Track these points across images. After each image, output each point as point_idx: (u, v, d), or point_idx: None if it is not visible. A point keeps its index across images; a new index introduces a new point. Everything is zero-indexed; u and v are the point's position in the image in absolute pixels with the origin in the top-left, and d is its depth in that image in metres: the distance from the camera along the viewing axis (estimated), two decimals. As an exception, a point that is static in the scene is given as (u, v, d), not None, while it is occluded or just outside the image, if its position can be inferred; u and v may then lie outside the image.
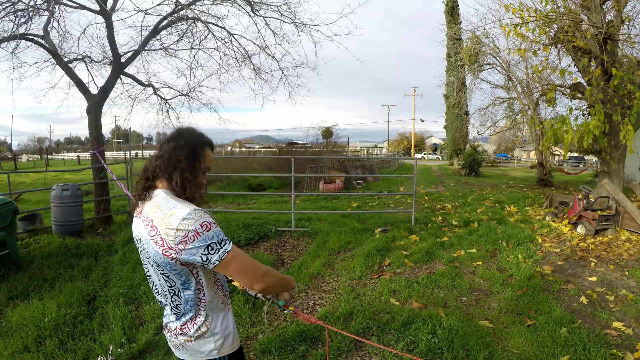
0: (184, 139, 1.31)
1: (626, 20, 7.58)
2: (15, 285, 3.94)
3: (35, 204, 9.23)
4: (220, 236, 1.19)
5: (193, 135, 1.34)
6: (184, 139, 1.31)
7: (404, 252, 5.44)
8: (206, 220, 1.18)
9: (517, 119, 17.57)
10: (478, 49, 15.46)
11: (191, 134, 1.34)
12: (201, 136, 1.35)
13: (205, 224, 1.17)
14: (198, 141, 1.32)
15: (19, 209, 4.72)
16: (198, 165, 1.31)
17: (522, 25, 7.23)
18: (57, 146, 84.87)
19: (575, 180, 18.42)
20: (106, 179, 7.15)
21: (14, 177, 14.83)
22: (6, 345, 2.81)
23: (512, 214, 8.54)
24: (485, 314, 3.62)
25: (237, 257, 1.20)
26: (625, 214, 6.76)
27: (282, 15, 7.67)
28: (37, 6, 6.15)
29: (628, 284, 4.44)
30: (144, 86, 8.20)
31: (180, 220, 1.15)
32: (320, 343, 2.98)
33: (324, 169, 14.52)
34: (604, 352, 2.85)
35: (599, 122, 6.95)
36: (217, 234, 1.18)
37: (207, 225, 1.17)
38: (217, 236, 1.18)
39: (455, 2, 28.36)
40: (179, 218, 1.16)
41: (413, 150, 52.96)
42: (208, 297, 1.32)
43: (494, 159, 38.62)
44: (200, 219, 1.17)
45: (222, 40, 7.85)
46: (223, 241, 1.19)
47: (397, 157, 34.19)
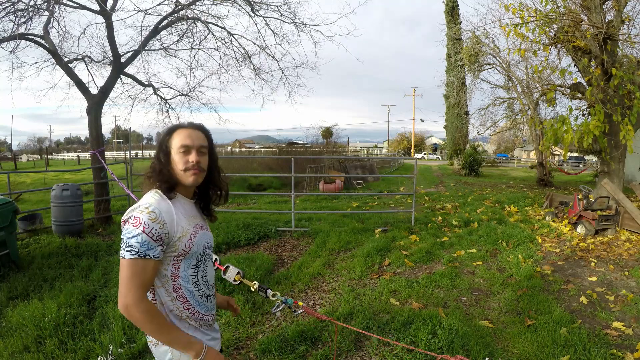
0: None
1: (626, 20, 7.59)
2: (15, 285, 3.94)
3: (35, 204, 9.23)
4: (132, 238, 1.15)
5: (163, 132, 1.40)
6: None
7: (404, 252, 5.44)
8: (138, 215, 1.17)
9: (517, 119, 17.55)
10: (478, 49, 15.46)
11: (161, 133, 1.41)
12: (168, 128, 1.37)
13: (136, 219, 1.17)
14: (164, 134, 1.35)
15: (19, 209, 4.72)
16: (165, 152, 1.31)
17: (522, 25, 7.24)
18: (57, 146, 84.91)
19: (575, 180, 18.42)
20: (106, 178, 7.15)
21: (14, 177, 14.83)
22: (6, 345, 2.81)
23: (512, 214, 8.54)
24: (485, 314, 3.62)
25: (123, 268, 1.15)
26: (625, 214, 6.76)
27: (282, 15, 7.67)
28: (37, 6, 6.15)
29: (628, 284, 4.44)
30: (144, 86, 8.20)
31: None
32: (320, 343, 2.98)
33: (324, 169, 14.52)
34: (604, 352, 2.85)
35: (599, 122, 6.95)
36: (132, 233, 1.15)
37: (136, 221, 1.16)
38: (130, 237, 1.15)
39: (455, 2, 28.36)
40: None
41: (413, 150, 52.95)
42: (166, 304, 1.27)
43: (494, 159, 38.62)
44: (133, 211, 1.19)
45: (222, 40, 7.85)
46: (130, 246, 1.14)
47: (397, 157, 34.19)
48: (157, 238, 1.17)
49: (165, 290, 1.27)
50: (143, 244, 1.14)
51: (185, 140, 1.30)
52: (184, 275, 1.29)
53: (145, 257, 1.14)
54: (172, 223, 1.23)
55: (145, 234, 1.15)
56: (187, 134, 1.31)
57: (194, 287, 1.32)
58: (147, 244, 1.15)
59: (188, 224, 1.30)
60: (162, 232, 1.19)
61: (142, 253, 1.14)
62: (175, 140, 1.30)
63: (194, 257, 1.31)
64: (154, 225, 1.16)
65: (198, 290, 1.34)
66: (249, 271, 4.31)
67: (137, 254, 1.14)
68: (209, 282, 1.40)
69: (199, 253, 1.34)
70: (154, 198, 1.24)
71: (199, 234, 1.34)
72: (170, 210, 1.24)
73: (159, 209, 1.20)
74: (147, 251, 1.15)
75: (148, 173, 1.33)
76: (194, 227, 1.32)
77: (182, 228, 1.26)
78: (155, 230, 1.16)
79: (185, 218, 1.30)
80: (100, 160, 6.90)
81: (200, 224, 1.38)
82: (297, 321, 3.25)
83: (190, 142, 1.30)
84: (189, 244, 1.28)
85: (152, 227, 1.16)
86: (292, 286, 4.19)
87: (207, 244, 1.41)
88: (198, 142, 1.32)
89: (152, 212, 1.18)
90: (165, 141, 1.32)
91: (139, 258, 1.14)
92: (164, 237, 1.19)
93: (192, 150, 1.30)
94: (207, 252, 1.41)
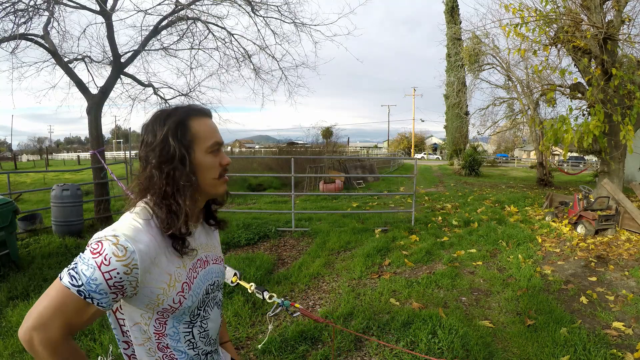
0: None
1: (626, 20, 7.59)
2: (15, 285, 3.94)
3: (35, 204, 9.23)
4: (81, 265, 0.80)
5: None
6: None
7: (404, 252, 5.44)
8: (103, 243, 0.81)
9: (517, 119, 17.56)
10: (478, 49, 15.47)
11: None
12: (180, 115, 1.00)
13: (99, 245, 0.81)
14: (173, 122, 0.98)
15: (19, 209, 4.72)
16: (186, 149, 0.96)
17: (522, 25, 7.24)
18: (57, 146, 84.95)
19: (575, 180, 18.42)
20: (106, 178, 7.16)
21: (14, 177, 14.84)
22: (6, 345, 2.81)
23: (512, 214, 8.54)
24: (485, 314, 3.62)
25: (53, 289, 0.80)
26: (625, 214, 6.76)
27: (282, 15, 7.67)
28: (37, 6, 6.15)
29: (628, 284, 4.44)
30: (144, 86, 8.20)
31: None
32: (320, 343, 2.98)
33: (324, 169, 14.52)
34: (604, 352, 2.85)
35: (599, 122, 6.95)
36: (84, 260, 0.81)
37: (98, 248, 0.81)
38: (81, 262, 0.81)
39: (455, 2, 28.37)
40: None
41: (413, 150, 52.97)
42: (139, 356, 0.94)
43: (494, 159, 38.63)
44: (102, 236, 0.82)
45: (222, 40, 7.85)
46: (75, 272, 0.80)
47: (397, 157, 34.19)
48: (113, 284, 0.80)
49: (147, 349, 0.93)
50: (91, 282, 0.79)
51: (216, 135, 0.94)
52: (173, 334, 0.94)
53: (87, 298, 0.79)
54: (149, 268, 0.84)
55: (101, 273, 0.79)
56: (212, 124, 0.96)
57: (187, 347, 0.97)
58: (96, 284, 0.79)
59: (180, 269, 0.91)
60: (126, 280, 0.81)
61: (84, 291, 0.79)
62: (201, 133, 0.92)
63: (187, 314, 0.95)
64: (116, 265, 0.79)
65: (194, 348, 0.99)
66: (249, 271, 4.30)
67: (77, 288, 0.79)
68: (211, 336, 1.04)
69: (196, 306, 0.97)
70: (132, 224, 0.85)
71: (199, 278, 0.97)
72: (152, 248, 0.85)
73: (133, 246, 0.81)
74: (93, 293, 0.79)
75: (151, 189, 0.90)
76: (190, 268, 0.95)
77: (167, 277, 0.88)
78: (115, 273, 0.79)
79: (180, 259, 0.92)
80: (101, 160, 6.90)
81: (203, 256, 1.01)
82: (297, 321, 3.25)
83: (219, 137, 0.96)
84: (179, 298, 0.90)
85: (113, 268, 0.79)
86: (292, 286, 4.19)
87: (212, 286, 1.03)
88: (221, 137, 0.99)
89: (120, 246, 0.80)
90: (182, 135, 0.89)
91: (79, 295, 0.79)
92: (126, 286, 0.82)
93: (221, 148, 0.97)
94: (212, 296, 1.03)
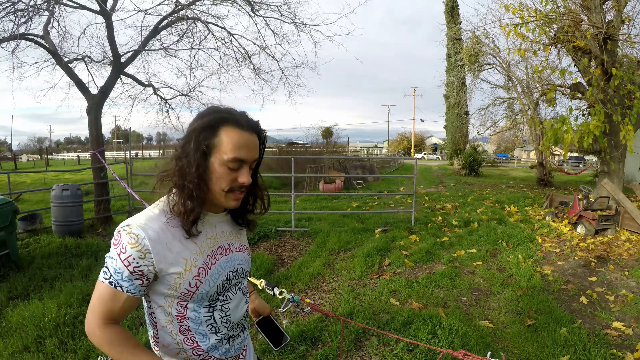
0: None
1: (626, 20, 7.59)
2: (15, 285, 3.94)
3: (35, 204, 9.23)
4: (109, 260, 0.91)
5: None
6: None
7: (404, 252, 5.44)
8: (121, 233, 0.91)
9: (517, 119, 17.56)
10: (478, 49, 15.46)
11: None
12: (212, 118, 1.02)
13: (117, 237, 0.91)
14: (203, 125, 1.01)
15: (19, 209, 4.72)
16: (204, 153, 1.00)
17: (522, 25, 7.24)
18: (57, 146, 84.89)
19: (575, 180, 18.42)
20: (106, 178, 7.15)
21: (14, 177, 14.84)
22: (6, 345, 2.81)
23: (512, 214, 8.54)
24: (485, 314, 3.62)
25: (97, 289, 0.92)
26: (625, 214, 6.76)
27: (282, 15, 7.67)
28: (37, 6, 6.15)
29: (628, 284, 4.44)
30: (144, 86, 8.20)
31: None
32: (320, 343, 2.98)
33: (324, 169, 14.52)
34: (604, 352, 2.85)
35: (599, 122, 6.96)
36: (110, 253, 0.91)
37: (116, 240, 0.91)
38: (110, 259, 0.91)
39: (455, 2, 28.36)
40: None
41: (413, 150, 52.97)
42: (171, 347, 1.00)
43: (494, 159, 38.63)
44: (123, 230, 0.91)
45: (222, 40, 7.85)
46: (107, 270, 0.91)
47: (397, 157, 34.19)
48: (133, 270, 0.89)
49: (169, 332, 0.99)
50: (117, 272, 0.89)
51: (240, 152, 0.93)
52: (194, 317, 0.99)
53: (117, 287, 0.89)
54: (163, 253, 0.91)
55: (121, 261, 0.88)
56: (243, 139, 0.93)
57: (209, 330, 1.01)
58: (120, 272, 0.89)
59: (197, 254, 0.96)
60: (143, 265, 0.89)
61: (113, 281, 0.89)
62: (225, 144, 0.92)
63: (206, 299, 0.99)
64: (131, 252, 0.88)
65: (216, 333, 1.03)
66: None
67: (108, 280, 0.90)
68: (234, 321, 1.07)
69: (215, 291, 1.00)
70: (146, 214, 0.94)
71: (218, 264, 1.01)
72: (162, 233, 0.91)
73: (143, 232, 0.89)
74: (120, 282, 0.89)
75: (166, 177, 0.98)
76: (209, 255, 0.99)
77: (183, 262, 0.93)
78: (132, 259, 0.88)
79: (197, 244, 0.97)
80: (101, 160, 6.90)
81: (226, 244, 1.05)
82: (297, 321, 3.25)
83: (245, 154, 0.93)
84: (195, 282, 0.95)
85: (130, 255, 0.88)
86: (292, 286, 4.19)
87: (234, 272, 1.06)
88: (253, 155, 0.96)
89: (132, 234, 0.88)
90: (205, 138, 0.92)
91: (110, 286, 0.89)
92: (145, 271, 0.90)
93: (244, 166, 0.95)
94: (234, 282, 1.07)
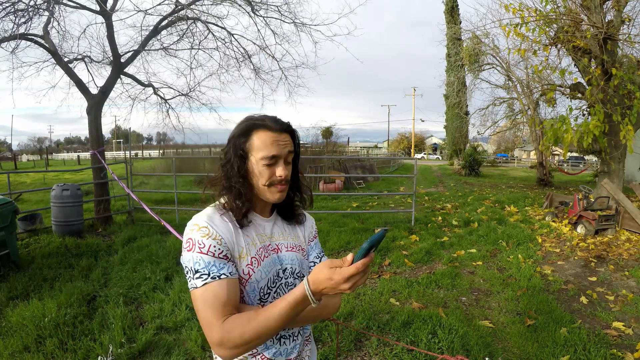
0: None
1: (626, 20, 7.59)
2: (15, 285, 3.94)
3: (35, 204, 9.23)
4: (194, 264, 0.94)
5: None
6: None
7: (404, 252, 5.44)
8: (190, 236, 0.97)
9: (517, 119, 17.55)
10: (478, 49, 15.46)
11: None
12: (244, 126, 1.08)
13: (189, 241, 0.97)
14: (238, 133, 1.07)
15: (19, 209, 4.72)
16: (242, 157, 1.07)
17: (522, 25, 7.24)
18: (57, 146, 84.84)
19: (575, 180, 18.42)
20: (106, 178, 7.15)
21: (14, 177, 14.84)
22: (6, 345, 2.81)
23: (512, 214, 8.54)
24: (485, 314, 3.62)
25: (196, 302, 0.93)
26: (625, 214, 6.76)
27: (282, 15, 7.67)
28: (37, 6, 6.14)
29: (628, 284, 4.44)
30: (144, 86, 8.20)
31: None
32: (320, 343, 2.98)
33: (324, 169, 14.52)
34: (604, 352, 2.85)
35: (599, 122, 6.96)
36: (192, 259, 0.94)
37: (189, 244, 0.96)
38: (192, 263, 0.95)
39: (455, 2, 28.32)
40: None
41: (413, 150, 52.97)
42: None
43: (494, 159, 38.61)
44: (191, 232, 0.98)
45: (222, 40, 7.85)
46: (196, 272, 0.94)
47: (397, 157, 34.19)
48: (219, 255, 0.95)
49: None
50: (208, 265, 0.93)
51: (272, 149, 1.02)
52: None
53: (219, 278, 0.93)
54: (231, 238, 1.00)
55: (204, 254, 0.94)
56: (273, 139, 1.03)
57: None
58: (212, 264, 0.94)
59: (251, 245, 1.04)
60: (223, 247, 0.97)
61: (214, 274, 0.93)
62: (257, 145, 1.02)
63: (257, 291, 1.03)
64: (209, 242, 0.95)
65: None
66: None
67: (205, 279, 0.92)
68: None
69: (265, 284, 1.05)
70: (205, 212, 1.03)
71: (270, 259, 1.07)
72: (224, 223, 1.01)
73: (211, 223, 0.98)
74: (219, 271, 0.94)
75: (215, 182, 1.08)
76: (261, 248, 1.06)
77: (240, 249, 1.02)
78: (213, 247, 0.95)
79: (249, 237, 1.05)
80: (101, 160, 6.90)
81: (275, 244, 1.11)
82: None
83: (278, 151, 1.03)
84: (247, 270, 1.01)
85: (209, 245, 0.95)
86: (292, 286, 4.19)
87: (283, 271, 1.10)
88: (286, 149, 1.05)
89: (203, 227, 0.97)
90: (240, 143, 1.04)
91: (212, 282, 0.92)
92: (226, 252, 0.97)
93: (279, 161, 1.04)
94: (285, 281, 1.10)
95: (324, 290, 0.86)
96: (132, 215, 7.38)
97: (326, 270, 0.84)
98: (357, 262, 0.82)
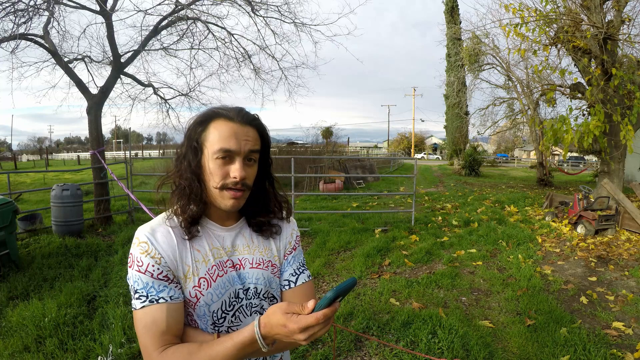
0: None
1: (626, 20, 7.59)
2: (15, 285, 3.94)
3: (35, 204, 9.23)
4: (134, 283, 0.83)
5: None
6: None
7: (404, 252, 5.44)
8: (132, 251, 0.85)
9: (517, 119, 17.56)
10: (478, 49, 15.46)
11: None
12: (202, 114, 0.93)
13: (130, 256, 0.85)
14: (194, 122, 0.91)
15: (19, 209, 4.72)
16: (195, 150, 0.91)
17: (522, 25, 7.25)
18: (57, 146, 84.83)
19: (575, 180, 18.42)
20: (106, 178, 7.15)
21: (14, 177, 14.84)
22: (6, 345, 2.81)
23: (512, 214, 8.54)
24: (485, 314, 3.62)
25: (136, 321, 0.83)
26: (625, 214, 6.76)
27: (282, 15, 7.67)
28: (37, 6, 6.14)
29: (628, 284, 4.44)
30: (144, 86, 8.20)
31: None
32: (320, 343, 2.98)
33: (324, 169, 14.52)
34: (604, 352, 2.85)
35: (599, 122, 6.96)
36: (132, 277, 0.84)
37: (130, 259, 0.85)
38: (132, 281, 0.84)
39: (455, 2, 28.33)
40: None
41: (413, 150, 52.96)
42: None
43: (494, 159, 38.62)
44: (132, 246, 0.86)
45: (222, 40, 7.85)
46: (136, 292, 0.83)
47: (397, 157, 34.19)
48: (158, 276, 0.83)
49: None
50: (146, 287, 0.82)
51: (228, 142, 0.85)
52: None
53: (157, 301, 0.82)
54: (174, 256, 0.85)
55: (144, 274, 0.82)
56: (232, 130, 0.86)
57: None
58: (150, 285, 0.82)
59: (200, 263, 0.88)
60: (162, 267, 0.83)
61: (151, 298, 0.82)
62: (212, 136, 0.86)
63: (209, 315, 0.89)
64: (148, 260, 0.83)
65: None
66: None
67: (143, 301, 0.82)
68: None
69: (219, 308, 0.90)
70: (155, 221, 0.90)
71: (225, 278, 0.91)
72: (169, 237, 0.87)
73: (152, 238, 0.85)
74: (157, 294, 0.82)
75: (167, 179, 0.95)
76: (214, 266, 0.90)
77: (186, 268, 0.87)
78: (151, 267, 0.83)
79: (200, 252, 0.89)
80: (101, 160, 6.90)
81: (238, 259, 0.94)
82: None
83: (235, 144, 0.85)
84: (195, 292, 0.87)
85: (147, 264, 0.83)
86: (292, 286, 4.19)
87: (245, 291, 0.93)
88: (247, 146, 0.87)
89: (142, 243, 0.84)
90: (196, 134, 0.88)
91: (150, 305, 0.82)
92: (167, 274, 0.84)
93: (236, 158, 0.86)
94: (246, 303, 0.94)
95: (276, 336, 0.74)
96: (132, 215, 7.38)
97: (280, 316, 0.72)
98: (317, 312, 0.69)
